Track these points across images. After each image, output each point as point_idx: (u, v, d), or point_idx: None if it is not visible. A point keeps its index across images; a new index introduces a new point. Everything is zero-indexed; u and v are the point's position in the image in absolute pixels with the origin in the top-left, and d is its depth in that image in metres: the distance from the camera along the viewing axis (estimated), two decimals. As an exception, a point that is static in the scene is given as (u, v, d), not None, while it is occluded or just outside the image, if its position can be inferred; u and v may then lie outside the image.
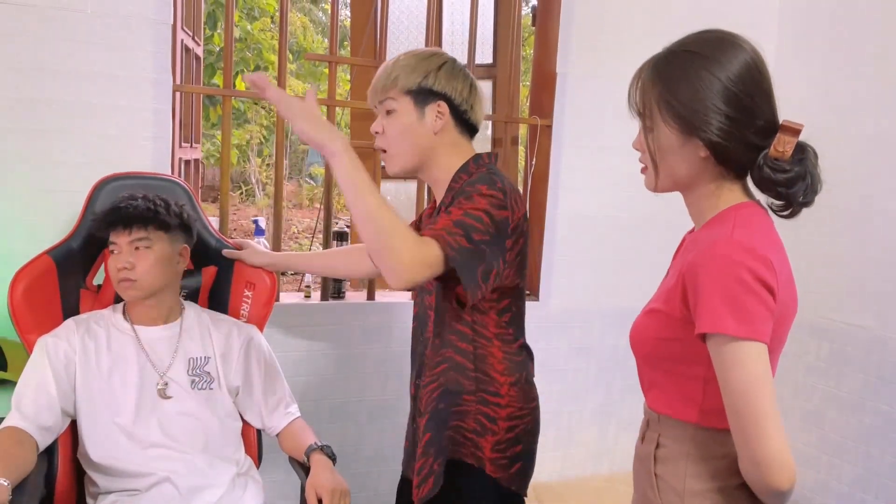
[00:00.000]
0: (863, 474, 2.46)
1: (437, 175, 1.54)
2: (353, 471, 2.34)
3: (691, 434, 1.08)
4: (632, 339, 1.16)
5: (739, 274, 0.96)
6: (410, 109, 1.49)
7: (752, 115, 1.03)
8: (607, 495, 2.53)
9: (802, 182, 1.03)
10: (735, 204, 1.07)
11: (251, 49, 8.98)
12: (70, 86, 1.92)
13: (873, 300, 2.44)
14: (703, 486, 1.07)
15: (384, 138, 1.53)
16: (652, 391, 1.16)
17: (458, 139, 1.53)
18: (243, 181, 10.78)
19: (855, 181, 2.43)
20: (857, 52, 2.51)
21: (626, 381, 2.70)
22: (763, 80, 1.05)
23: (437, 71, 1.49)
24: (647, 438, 1.16)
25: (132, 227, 1.56)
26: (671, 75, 1.06)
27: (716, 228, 1.05)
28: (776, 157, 1.02)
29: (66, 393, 1.55)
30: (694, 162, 1.06)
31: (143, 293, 1.60)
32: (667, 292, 1.08)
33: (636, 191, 2.61)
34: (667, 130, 1.06)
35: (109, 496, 1.54)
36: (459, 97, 1.50)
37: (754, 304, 0.96)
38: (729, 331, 0.95)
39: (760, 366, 0.95)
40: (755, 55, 1.06)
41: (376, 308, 2.38)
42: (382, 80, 1.51)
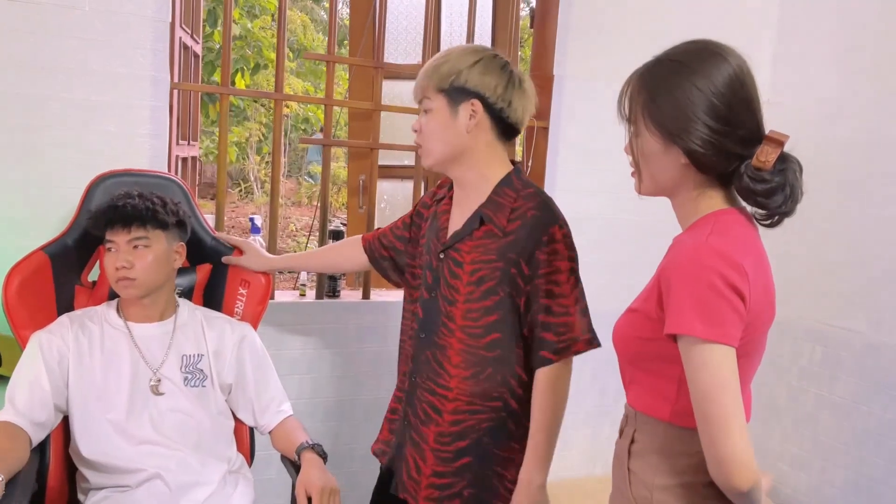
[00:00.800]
0: (855, 478, 2.47)
1: (469, 177, 1.52)
2: (346, 469, 2.35)
3: (663, 431, 1.11)
4: (614, 338, 1.19)
5: (710, 278, 0.99)
6: (444, 108, 1.48)
7: (733, 126, 1.05)
8: (601, 497, 2.53)
9: (781, 193, 1.05)
10: (716, 210, 1.09)
11: (251, 47, 8.98)
12: (68, 82, 1.93)
13: (867, 305, 2.45)
14: (671, 482, 1.09)
15: (421, 136, 1.53)
16: (631, 388, 1.19)
17: (493, 142, 1.50)
18: (242, 178, 10.78)
19: (849, 186, 2.44)
20: (852, 57, 2.52)
21: (619, 385, 2.70)
22: (745, 92, 1.07)
23: (470, 68, 1.46)
24: (624, 434, 1.20)
25: (131, 226, 1.56)
26: (656, 84, 1.09)
27: (693, 233, 1.07)
28: (758, 167, 1.04)
29: (58, 388, 1.55)
30: (675, 168, 1.09)
31: (141, 292, 1.61)
32: (646, 293, 1.12)
33: (631, 194, 2.61)
34: (650, 137, 1.09)
35: (100, 492, 1.54)
36: (493, 94, 1.46)
37: (723, 308, 0.98)
38: (696, 333, 0.98)
39: (726, 368, 0.97)
40: (740, 67, 1.08)
41: (371, 307, 2.38)
42: (421, 78, 1.51)
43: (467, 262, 1.49)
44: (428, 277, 1.56)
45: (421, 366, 1.54)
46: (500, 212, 1.47)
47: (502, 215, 1.47)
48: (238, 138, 9.62)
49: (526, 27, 4.74)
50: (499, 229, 1.46)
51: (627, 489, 1.14)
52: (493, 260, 1.46)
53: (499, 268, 1.46)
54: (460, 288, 1.49)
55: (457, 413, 1.49)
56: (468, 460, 1.50)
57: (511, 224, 1.46)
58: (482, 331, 1.48)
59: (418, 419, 1.54)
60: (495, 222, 1.47)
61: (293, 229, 8.41)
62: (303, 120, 10.58)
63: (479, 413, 1.49)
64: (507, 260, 1.45)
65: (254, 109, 9.92)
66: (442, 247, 1.54)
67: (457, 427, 1.50)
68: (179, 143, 4.35)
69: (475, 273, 1.48)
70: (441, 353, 1.51)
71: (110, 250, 1.58)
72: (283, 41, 2.26)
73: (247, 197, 10.43)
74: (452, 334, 1.50)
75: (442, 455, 1.51)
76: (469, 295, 1.48)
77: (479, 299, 1.47)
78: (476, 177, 1.51)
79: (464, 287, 1.49)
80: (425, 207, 1.67)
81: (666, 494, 1.10)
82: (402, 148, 2.59)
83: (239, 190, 10.47)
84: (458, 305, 1.49)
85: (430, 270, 1.56)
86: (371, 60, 2.44)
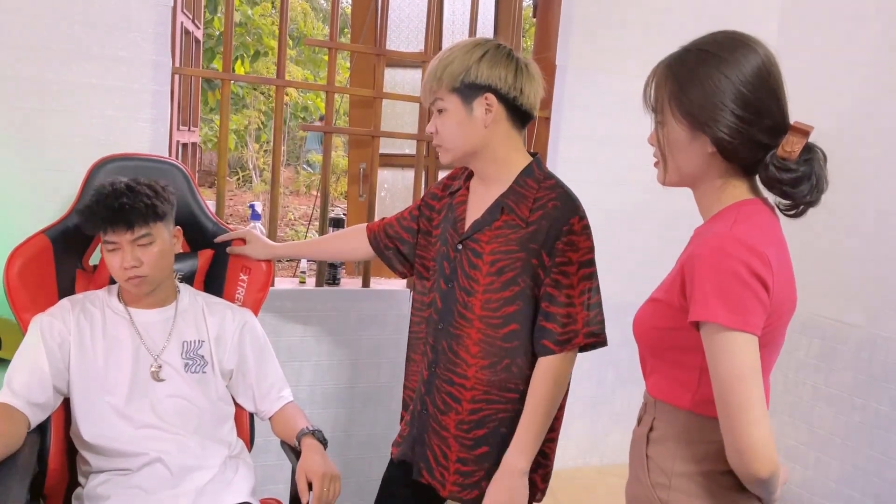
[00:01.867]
0: (850, 471, 2.49)
1: (490, 168, 1.53)
2: (345, 456, 2.36)
3: (683, 419, 1.12)
4: (634, 327, 1.19)
5: (734, 267, 0.99)
6: (459, 107, 1.48)
7: (760, 115, 1.06)
8: (598, 487, 2.55)
9: (807, 182, 1.05)
10: (739, 200, 1.10)
11: (251, 34, 8.94)
12: (69, 66, 1.92)
13: (864, 298, 2.46)
14: (690, 469, 1.10)
15: (438, 137, 1.53)
16: (651, 377, 1.19)
17: (510, 131, 1.51)
18: (240, 167, 10.75)
19: (848, 180, 2.44)
20: (856, 52, 2.52)
21: (618, 374, 2.72)
22: (773, 82, 1.08)
23: (478, 63, 1.46)
24: (643, 421, 1.21)
25: (134, 226, 1.53)
26: (684, 73, 1.09)
27: (717, 223, 1.08)
28: (783, 157, 1.05)
29: (59, 371, 1.56)
30: (701, 158, 1.10)
31: (152, 286, 1.61)
32: (668, 282, 1.12)
33: (632, 184, 2.63)
34: (676, 126, 1.10)
35: (101, 475, 1.55)
36: (505, 85, 1.47)
37: (747, 296, 0.99)
38: (720, 320, 0.98)
39: (749, 356, 0.98)
40: (767, 57, 1.08)
41: (371, 295, 2.38)
42: (430, 80, 1.50)
43: (486, 252, 1.49)
44: (445, 268, 1.56)
45: (439, 356, 1.55)
46: (522, 202, 1.48)
47: (525, 206, 1.47)
48: (237, 126, 9.58)
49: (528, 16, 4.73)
50: (521, 220, 1.47)
51: (646, 476, 1.15)
52: (514, 251, 1.47)
53: (520, 258, 1.46)
54: (479, 278, 1.49)
55: (474, 402, 1.50)
56: (486, 449, 1.51)
57: (533, 215, 1.46)
58: (501, 321, 1.48)
59: (437, 409, 1.55)
60: (517, 213, 1.47)
61: (291, 218, 8.40)
62: (302, 108, 10.54)
63: (495, 403, 1.50)
64: (529, 251, 1.46)
65: (253, 97, 9.88)
66: (460, 237, 1.54)
67: (475, 416, 1.51)
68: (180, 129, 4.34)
69: (495, 264, 1.48)
70: (458, 343, 1.52)
71: (113, 250, 1.55)
72: (286, 26, 2.25)
73: (245, 185, 10.41)
74: (471, 324, 1.50)
75: (464, 442, 1.52)
76: (489, 285, 1.48)
77: (498, 290, 1.48)
78: (497, 168, 1.52)
79: (483, 277, 1.49)
80: (435, 199, 1.67)
81: (684, 481, 1.10)
82: (403, 136, 2.59)
83: (237, 178, 10.44)
84: (478, 296, 1.49)
85: (448, 261, 1.55)
86: (373, 48, 2.43)
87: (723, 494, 1.08)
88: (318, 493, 1.50)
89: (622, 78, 2.48)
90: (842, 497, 2.51)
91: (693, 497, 1.09)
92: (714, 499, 1.08)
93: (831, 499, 2.55)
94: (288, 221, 8.29)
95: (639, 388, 1.25)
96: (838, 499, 2.53)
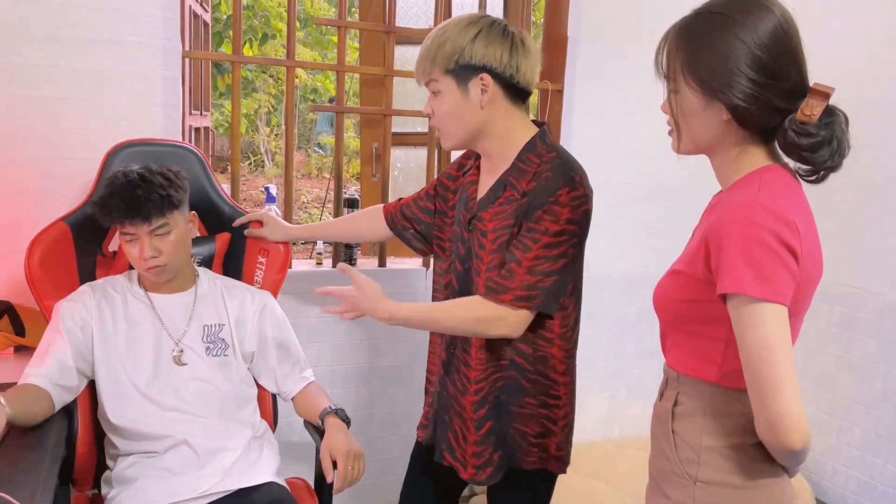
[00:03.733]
0: (873, 438, 2.47)
1: (493, 147, 1.50)
2: (366, 435, 2.37)
3: (709, 392, 1.10)
4: (655, 301, 1.17)
5: (762, 236, 0.96)
6: (454, 88, 1.45)
7: (778, 79, 1.02)
8: (618, 460, 2.55)
9: (828, 147, 1.02)
10: (760, 167, 1.07)
11: (259, 17, 8.90)
12: (79, 52, 1.92)
13: (887, 266, 2.43)
14: (718, 443, 1.08)
15: (436, 119, 1.51)
16: (673, 351, 1.17)
17: (510, 108, 1.48)
18: (252, 151, 10.75)
19: (869, 146, 2.40)
20: (871, 20, 2.47)
21: (637, 347, 2.71)
22: (791, 44, 1.04)
23: (472, 43, 1.43)
24: (665, 396, 1.18)
25: (151, 218, 1.54)
26: (697, 38, 1.05)
27: (740, 190, 1.04)
28: (803, 122, 1.01)
29: (82, 354, 1.57)
30: (717, 125, 1.06)
31: (172, 274, 1.63)
32: (690, 254, 1.09)
33: (647, 157, 2.61)
34: (690, 93, 1.06)
35: (129, 458, 1.57)
36: (500, 63, 1.43)
37: (776, 266, 0.96)
38: (749, 291, 0.96)
39: (779, 327, 0.96)
40: (784, 18, 1.04)
41: (387, 274, 2.39)
42: (423, 61, 1.48)
43: (490, 230, 1.47)
44: (460, 249, 1.55)
45: (458, 339, 1.54)
46: (523, 177, 1.45)
47: (524, 180, 1.45)
48: (247, 110, 9.57)
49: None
50: (518, 192, 1.44)
51: (673, 451, 1.13)
52: (510, 225, 1.45)
53: (511, 231, 1.44)
54: (484, 257, 1.48)
55: (478, 382, 1.51)
56: (490, 424, 1.51)
57: (529, 185, 1.44)
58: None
59: (457, 390, 1.55)
60: (517, 187, 1.45)
61: (304, 201, 8.40)
62: (311, 90, 10.51)
63: (492, 375, 1.50)
64: (518, 222, 1.44)
65: (262, 80, 9.86)
66: (469, 217, 1.53)
67: (478, 396, 1.51)
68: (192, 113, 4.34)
69: (496, 240, 1.46)
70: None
71: (131, 241, 1.56)
72: (294, 4, 2.24)
73: (257, 169, 10.42)
74: None
75: (475, 423, 1.52)
76: (490, 263, 1.47)
77: (497, 266, 1.46)
78: (501, 146, 1.49)
79: (487, 255, 1.47)
80: (451, 179, 1.65)
81: (713, 455, 1.08)
82: (415, 114, 2.57)
83: (249, 163, 10.44)
84: (482, 275, 1.48)
85: (462, 242, 1.54)
86: (382, 25, 2.41)
87: (752, 467, 1.07)
88: (342, 471, 1.51)
89: (635, 48, 2.44)
90: (864, 465, 2.50)
91: (722, 471, 1.08)
92: (744, 472, 1.07)
93: (854, 467, 2.54)
94: (301, 205, 8.30)
95: (657, 362, 1.23)
96: (861, 466, 2.52)
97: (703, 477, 1.09)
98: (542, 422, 1.51)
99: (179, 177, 1.62)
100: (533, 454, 1.52)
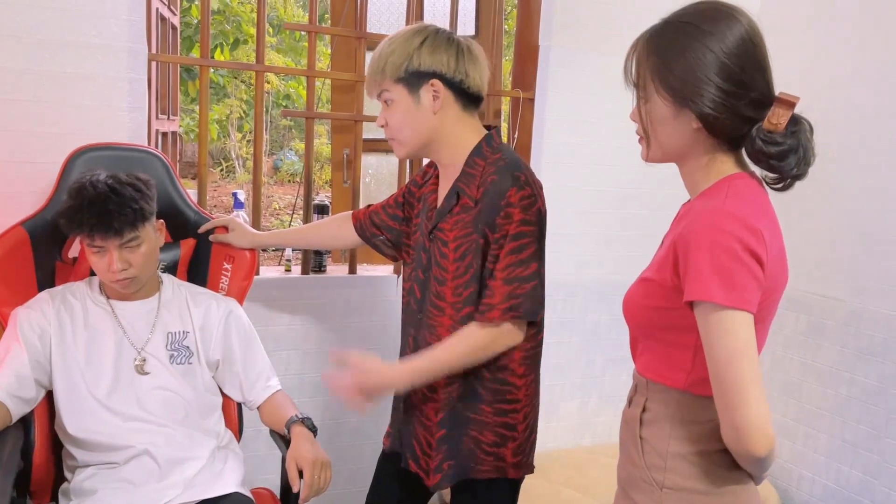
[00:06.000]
0: (839, 445, 2.50)
1: (445, 154, 1.52)
2: (335, 444, 2.35)
3: (677, 398, 1.10)
4: (625, 308, 1.17)
5: (729, 244, 0.97)
6: (405, 96, 1.47)
7: (745, 88, 1.03)
8: (590, 467, 2.55)
9: (794, 155, 1.03)
10: (728, 175, 1.08)
11: (230, 22, 8.83)
12: (42, 54, 1.87)
13: (849, 273, 2.47)
14: (685, 449, 1.09)
15: (389, 129, 1.52)
16: (642, 357, 1.17)
17: (461, 114, 1.50)
18: (223, 157, 10.64)
19: (833, 154, 2.45)
20: (834, 26, 2.51)
21: (608, 355, 2.72)
22: (758, 53, 1.05)
23: (419, 50, 1.45)
24: (634, 402, 1.19)
25: (123, 232, 1.50)
26: (666, 47, 1.06)
27: (708, 199, 1.06)
28: (769, 130, 1.02)
29: (40, 363, 1.53)
30: (686, 133, 1.07)
31: (141, 284, 1.60)
32: (659, 261, 1.10)
33: (619, 164, 2.62)
34: (660, 102, 1.07)
35: (87, 469, 1.53)
36: (448, 69, 1.46)
37: (742, 273, 0.97)
38: (716, 299, 0.96)
39: (745, 334, 0.97)
40: (751, 27, 1.06)
41: (358, 282, 2.37)
42: (372, 73, 1.49)
43: (451, 239, 1.48)
44: (422, 258, 1.56)
45: (420, 346, 1.54)
46: (472, 183, 1.47)
47: (473, 185, 1.46)
48: (219, 116, 9.48)
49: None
50: (471, 200, 1.46)
51: (640, 457, 1.13)
52: (469, 233, 1.46)
53: (474, 240, 1.45)
54: (448, 266, 1.49)
55: (439, 388, 1.50)
56: (444, 432, 1.50)
57: (479, 192, 1.45)
58: (461, 305, 1.48)
59: (419, 398, 1.54)
60: (468, 194, 1.46)
61: (276, 208, 8.34)
62: (284, 96, 10.45)
63: (452, 384, 1.50)
64: (478, 231, 1.45)
65: (234, 86, 9.78)
66: (430, 228, 1.54)
67: (438, 403, 1.51)
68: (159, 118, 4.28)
69: (458, 249, 1.47)
70: (431, 333, 1.52)
71: (98, 252, 1.51)
72: (264, 10, 2.21)
73: (228, 176, 10.32)
74: (443, 313, 1.50)
75: (434, 429, 1.52)
76: (456, 272, 1.48)
77: (462, 274, 1.47)
78: (452, 153, 1.51)
79: (450, 265, 1.48)
80: (416, 186, 1.67)
81: (680, 462, 1.09)
82: (386, 120, 2.56)
83: (220, 169, 10.35)
84: (448, 283, 1.49)
85: (424, 251, 1.55)
86: (353, 31, 2.40)
87: (718, 473, 1.07)
88: (308, 480, 1.49)
89: (607, 57, 2.46)
90: (830, 470, 2.53)
91: (688, 477, 1.08)
92: (710, 478, 1.07)
93: (820, 473, 2.57)
94: (273, 211, 8.24)
95: (629, 369, 1.24)
96: (827, 472, 2.55)
97: (669, 483, 1.09)
98: (497, 430, 1.50)
99: (149, 186, 1.58)
100: (487, 463, 1.51)
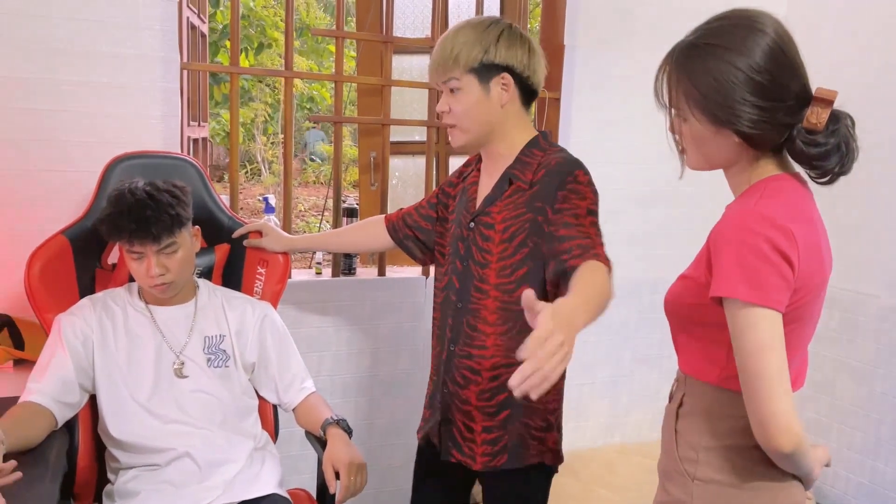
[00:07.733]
0: (874, 442, 2.48)
1: (500, 148, 1.54)
2: (367, 444, 2.37)
3: (711, 394, 1.12)
4: (666, 304, 1.20)
5: (756, 242, 0.99)
6: (475, 86, 1.49)
7: (780, 99, 1.04)
8: (619, 467, 2.55)
9: (837, 154, 1.04)
10: (768, 177, 1.09)
11: (254, 26, 8.92)
12: (78, 65, 1.92)
13: (885, 269, 2.44)
14: (717, 443, 1.11)
15: (452, 116, 1.53)
16: (682, 353, 1.20)
17: (520, 110, 1.54)
18: (248, 160, 10.76)
19: (868, 149, 2.41)
20: (863, 24, 2.48)
21: (637, 354, 2.71)
22: (788, 59, 1.05)
23: (496, 43, 1.48)
24: (674, 397, 1.22)
25: (161, 238, 1.53)
26: (695, 71, 1.06)
27: (743, 200, 1.08)
28: (810, 130, 1.03)
29: (83, 369, 1.57)
30: (729, 147, 1.09)
31: (178, 289, 1.64)
32: (697, 260, 1.12)
33: (646, 162, 2.61)
34: (698, 124, 1.08)
35: (130, 471, 1.56)
36: (521, 65, 1.49)
37: (768, 272, 0.98)
38: (741, 296, 0.98)
39: (769, 330, 0.98)
40: (778, 33, 1.05)
41: (387, 284, 2.39)
42: (443, 59, 1.50)
43: (498, 221, 1.50)
44: (460, 248, 1.57)
45: (458, 335, 1.56)
46: (526, 169, 1.49)
47: (529, 171, 1.49)
48: (244, 119, 9.58)
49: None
50: (525, 183, 1.48)
51: (674, 450, 1.16)
52: (522, 213, 1.48)
53: (528, 219, 1.47)
54: (492, 248, 1.50)
55: (494, 369, 1.52)
56: (508, 412, 1.52)
57: (537, 175, 1.48)
58: (514, 286, 1.48)
59: (457, 385, 1.56)
60: (522, 178, 1.49)
61: (302, 209, 8.41)
62: (308, 99, 10.53)
63: (515, 366, 1.50)
64: (535, 209, 1.46)
65: (259, 90, 9.88)
66: (471, 216, 1.56)
67: (496, 382, 1.52)
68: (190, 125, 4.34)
69: (507, 230, 1.49)
70: (475, 318, 1.53)
71: (138, 258, 1.55)
72: (292, 16, 2.24)
73: (254, 178, 10.42)
74: (487, 295, 1.51)
75: (487, 410, 1.53)
76: (502, 253, 1.49)
77: (511, 255, 1.49)
78: (506, 147, 1.54)
79: (496, 247, 1.50)
80: (451, 186, 1.69)
81: (712, 455, 1.11)
82: (413, 123, 2.58)
83: (245, 171, 10.45)
84: (492, 265, 1.50)
85: (462, 241, 1.57)
86: (379, 35, 2.42)
87: (751, 469, 1.08)
88: (345, 482, 1.50)
89: (631, 56, 2.46)
90: (865, 468, 2.50)
91: (720, 470, 1.10)
92: (741, 473, 1.09)
93: (854, 470, 2.55)
94: (298, 213, 8.31)
95: (658, 368, 1.25)
96: (862, 470, 2.52)
97: (701, 475, 1.11)
98: (546, 417, 1.54)
99: (185, 192, 1.61)
100: (534, 448, 1.54)
